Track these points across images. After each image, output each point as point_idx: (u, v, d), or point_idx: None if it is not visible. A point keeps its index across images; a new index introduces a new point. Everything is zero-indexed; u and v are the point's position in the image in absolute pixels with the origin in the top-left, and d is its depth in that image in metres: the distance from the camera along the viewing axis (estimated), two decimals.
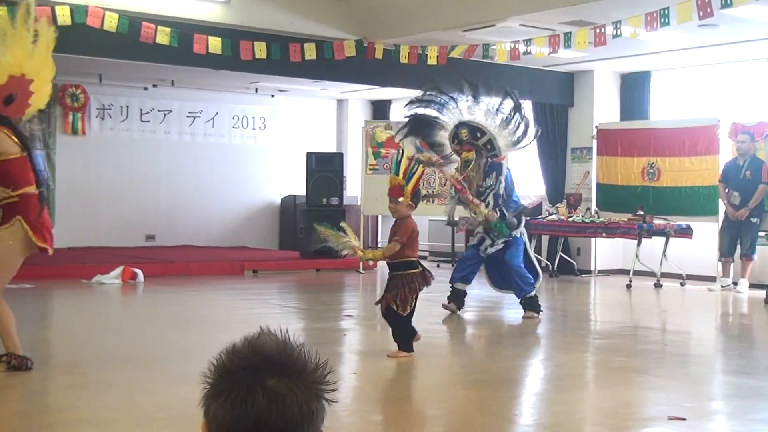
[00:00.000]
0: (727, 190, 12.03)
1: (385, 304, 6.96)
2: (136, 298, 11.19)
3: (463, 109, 9.23)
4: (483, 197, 9.12)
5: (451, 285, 9.49)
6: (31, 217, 6.16)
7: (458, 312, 9.40)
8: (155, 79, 15.51)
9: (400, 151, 7.29)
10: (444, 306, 9.41)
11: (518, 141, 9.29)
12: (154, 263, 13.21)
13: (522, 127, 9.24)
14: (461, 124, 9.20)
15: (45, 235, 6.28)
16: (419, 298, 6.95)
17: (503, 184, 9.19)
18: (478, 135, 9.17)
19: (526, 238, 9.52)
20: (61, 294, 11.05)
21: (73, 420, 5.03)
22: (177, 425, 4.86)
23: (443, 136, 9.38)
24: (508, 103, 9.25)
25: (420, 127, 9.44)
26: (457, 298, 9.46)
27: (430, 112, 9.41)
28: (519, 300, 9.33)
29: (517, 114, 9.24)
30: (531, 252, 9.80)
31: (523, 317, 9.20)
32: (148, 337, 8.05)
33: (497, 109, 9.22)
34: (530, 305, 9.28)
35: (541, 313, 9.28)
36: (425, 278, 6.98)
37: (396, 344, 7.00)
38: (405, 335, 6.98)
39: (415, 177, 6.99)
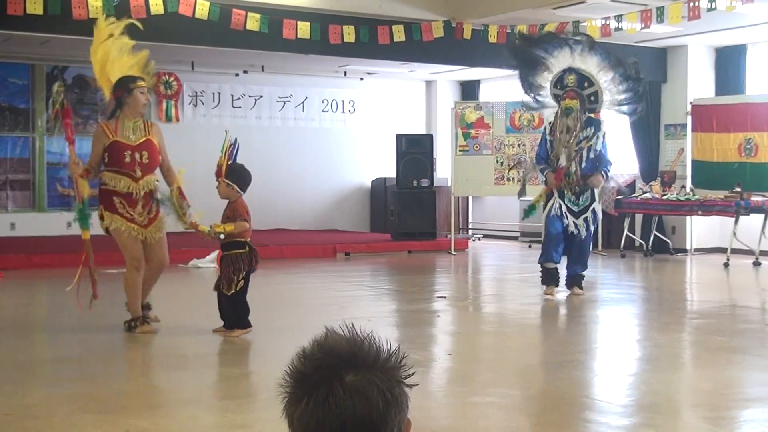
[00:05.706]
0: None
1: (216, 283, 6.99)
2: None
3: (576, 55, 8.97)
4: (577, 150, 8.93)
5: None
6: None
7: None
8: (246, 65, 15.70)
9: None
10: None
11: (623, 103, 9.09)
12: None
13: (632, 92, 9.03)
14: (570, 70, 8.98)
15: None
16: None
17: (601, 140, 8.99)
18: (585, 85, 8.96)
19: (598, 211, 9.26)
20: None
21: (174, 400, 5.15)
22: (275, 406, 4.93)
23: (545, 78, 9.18)
24: (629, 67, 9.02)
25: (525, 63, 9.29)
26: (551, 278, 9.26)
27: (538, 51, 9.18)
28: (571, 274, 9.22)
29: (634, 79, 9.01)
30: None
31: (572, 293, 9.16)
32: None
33: (613, 65, 8.96)
34: (579, 281, 9.22)
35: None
36: (252, 259, 6.91)
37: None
38: (233, 314, 6.92)
39: (224, 153, 6.92)
